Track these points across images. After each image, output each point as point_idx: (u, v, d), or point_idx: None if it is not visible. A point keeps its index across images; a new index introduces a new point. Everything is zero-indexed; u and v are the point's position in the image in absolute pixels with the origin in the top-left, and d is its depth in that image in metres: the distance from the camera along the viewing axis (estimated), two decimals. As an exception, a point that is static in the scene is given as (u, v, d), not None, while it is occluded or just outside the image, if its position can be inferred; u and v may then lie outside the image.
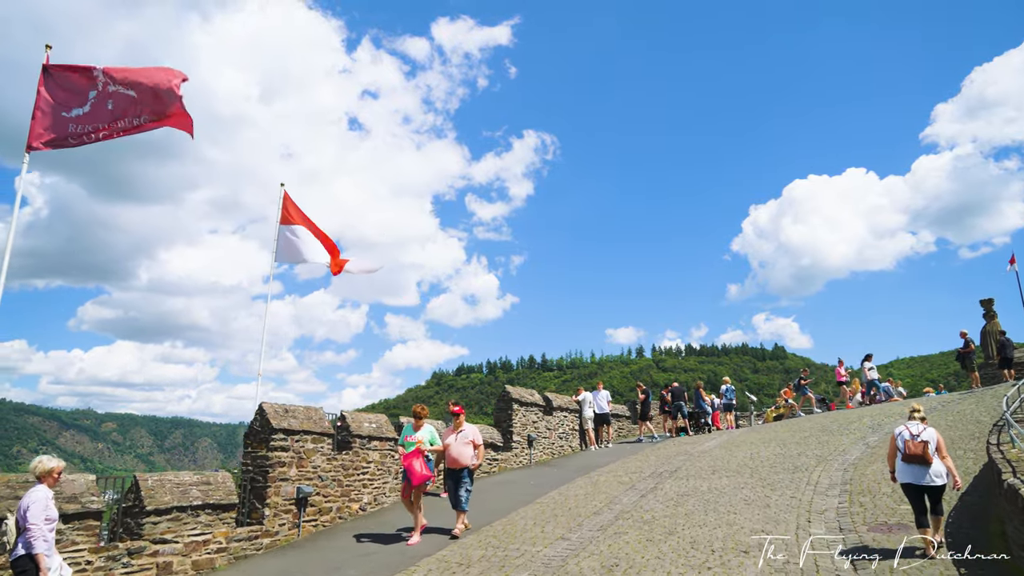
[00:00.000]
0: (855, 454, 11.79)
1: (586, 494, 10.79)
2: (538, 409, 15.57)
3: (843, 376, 21.16)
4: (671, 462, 13.49)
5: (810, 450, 12.63)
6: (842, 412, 18.51)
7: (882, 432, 13.47)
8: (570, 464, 14.73)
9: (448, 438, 8.64)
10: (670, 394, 19.29)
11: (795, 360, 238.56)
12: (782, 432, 15.73)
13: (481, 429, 12.94)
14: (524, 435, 14.80)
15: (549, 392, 16.97)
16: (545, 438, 15.76)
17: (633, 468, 13.20)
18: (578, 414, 17.70)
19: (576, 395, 17.86)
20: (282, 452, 8.38)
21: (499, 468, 13.70)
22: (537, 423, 15.47)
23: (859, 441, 12.92)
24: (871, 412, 16.57)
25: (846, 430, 14.45)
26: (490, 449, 13.51)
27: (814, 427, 15.59)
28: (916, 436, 6.48)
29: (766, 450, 13.35)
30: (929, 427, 6.64)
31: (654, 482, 11.33)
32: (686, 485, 10.70)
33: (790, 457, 12.14)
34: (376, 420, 10.62)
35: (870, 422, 14.92)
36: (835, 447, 12.56)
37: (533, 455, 15.02)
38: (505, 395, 14.70)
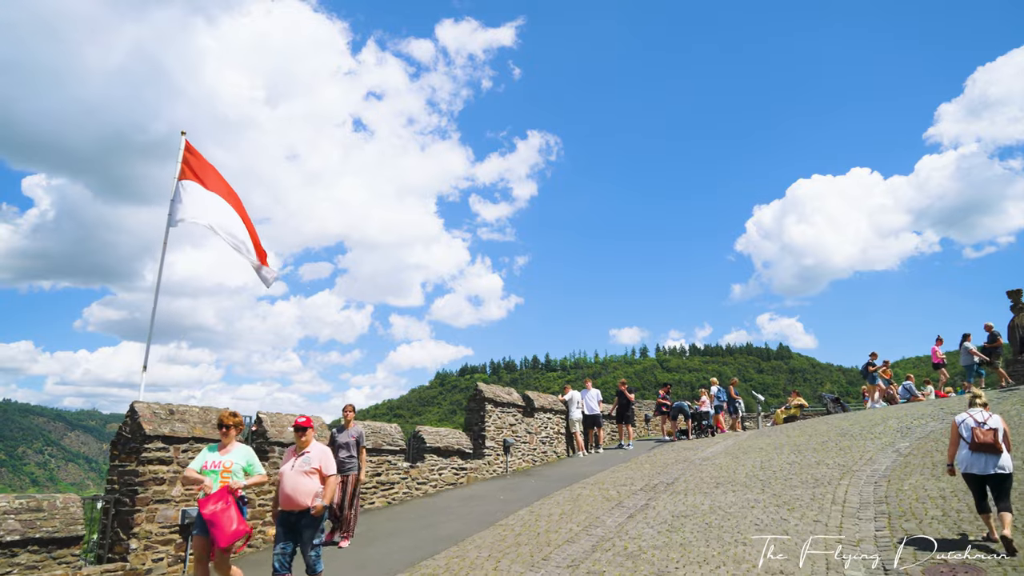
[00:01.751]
0: (885, 463, 9.90)
1: (562, 513, 8.93)
2: (516, 410, 13.71)
3: (940, 357, 18.53)
4: (668, 471, 11.61)
5: (830, 458, 10.75)
6: (861, 413, 16.56)
7: (913, 437, 11.57)
8: (552, 473, 12.86)
9: (285, 464, 5.83)
10: (667, 395, 17.37)
11: (800, 360, 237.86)
12: (795, 436, 13.83)
13: (371, 431, 10.89)
14: (499, 440, 12.94)
15: (535, 392, 15.10)
16: (525, 443, 13.89)
17: (623, 479, 11.32)
18: (564, 416, 15.80)
19: (562, 394, 15.98)
20: (161, 466, 6.55)
21: (468, 479, 11.84)
22: (515, 426, 13.61)
23: (887, 448, 11.03)
24: (895, 414, 14.66)
25: (869, 434, 12.56)
26: (456, 457, 11.64)
27: (832, 431, 13.69)
28: (983, 424, 6.27)
29: (779, 458, 11.47)
30: (994, 414, 6.44)
31: (646, 498, 9.46)
32: (684, 503, 8.82)
33: (808, 467, 10.26)
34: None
35: (897, 425, 13.01)
36: (859, 455, 10.67)
37: (510, 463, 13.15)
38: (477, 394, 12.85)
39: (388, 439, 10.22)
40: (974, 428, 6.23)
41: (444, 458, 11.39)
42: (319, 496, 5.66)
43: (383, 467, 10.08)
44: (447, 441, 11.49)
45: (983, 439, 6.11)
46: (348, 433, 8.42)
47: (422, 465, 10.90)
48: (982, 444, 6.11)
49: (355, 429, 8.49)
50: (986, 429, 6.17)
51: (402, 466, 10.46)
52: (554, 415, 15.35)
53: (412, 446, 11.17)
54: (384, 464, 10.11)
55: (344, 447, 8.26)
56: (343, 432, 8.46)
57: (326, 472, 5.81)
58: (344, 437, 8.38)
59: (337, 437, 8.41)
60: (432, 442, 11.13)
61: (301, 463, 5.72)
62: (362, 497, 9.64)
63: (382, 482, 10.00)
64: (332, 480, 5.85)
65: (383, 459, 10.10)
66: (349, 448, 8.27)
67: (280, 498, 5.68)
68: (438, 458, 11.24)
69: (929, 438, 11.24)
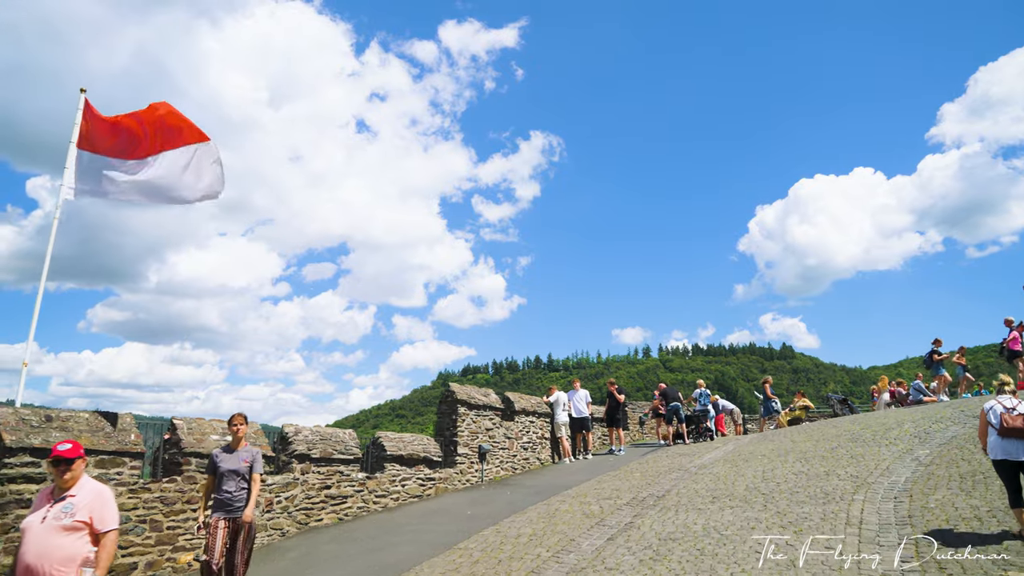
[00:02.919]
0: (904, 474, 8.75)
1: (532, 534, 7.76)
2: (494, 413, 12.53)
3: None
4: (659, 482, 10.44)
5: (841, 467, 9.60)
6: (872, 416, 15.32)
7: (933, 443, 10.41)
8: (532, 483, 11.69)
9: (32, 516, 3.79)
10: (662, 396, 16.17)
11: (803, 360, 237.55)
12: (801, 441, 12.65)
13: (319, 438, 9.82)
14: (474, 446, 11.76)
15: (516, 393, 13.91)
16: (503, 449, 12.71)
17: (608, 491, 10.15)
18: (550, 419, 14.62)
19: (547, 395, 14.79)
20: (29, 484, 5.36)
21: (436, 490, 10.67)
22: (493, 431, 12.43)
23: (905, 455, 9.86)
24: (910, 416, 13.46)
25: (884, 439, 11.40)
26: (423, 466, 10.46)
27: (841, 435, 12.51)
28: (1012, 409, 6.21)
29: (783, 467, 10.30)
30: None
31: (631, 514, 8.29)
32: (674, 521, 7.66)
33: (816, 478, 9.09)
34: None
35: (913, 429, 11.83)
36: (874, 464, 9.52)
37: (486, 471, 11.98)
38: (448, 395, 11.67)
39: (340, 447, 9.06)
40: (1002, 414, 6.16)
41: (408, 467, 10.23)
42: (89, 566, 3.68)
43: (333, 479, 8.91)
44: (412, 448, 10.32)
45: (1012, 424, 6.04)
46: (237, 456, 5.85)
47: (381, 476, 9.73)
48: (1011, 429, 6.04)
49: (247, 451, 5.92)
50: (1015, 415, 6.10)
51: (357, 477, 9.30)
52: (538, 418, 14.17)
53: (371, 454, 10.01)
54: (335, 476, 8.95)
55: (231, 476, 5.72)
56: (230, 454, 5.86)
57: (100, 528, 3.78)
58: (230, 462, 5.79)
59: (220, 462, 5.79)
60: (394, 449, 9.96)
61: (57, 513, 3.71)
62: (308, 513, 8.48)
63: (332, 496, 8.84)
64: (110, 542, 3.81)
65: (334, 470, 8.94)
66: (238, 477, 5.75)
67: (18, 570, 3.60)
68: (401, 467, 10.08)
69: (952, 444, 10.06)
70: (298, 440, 8.53)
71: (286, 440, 8.51)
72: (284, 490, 8.13)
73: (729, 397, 31.22)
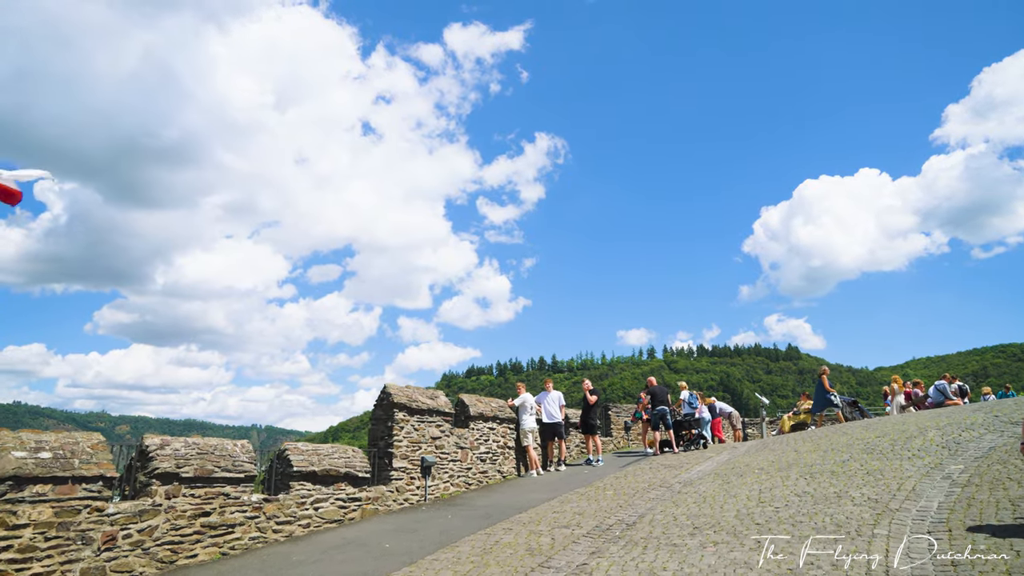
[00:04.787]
0: (935, 498, 6.98)
1: (452, 581, 5.94)
2: (442, 419, 10.71)
3: None
4: (633, 504, 8.65)
5: (855, 487, 7.81)
6: (888, 421, 13.44)
7: (967, 456, 8.64)
8: (484, 502, 9.88)
9: None
10: (649, 396, 14.32)
11: (809, 361, 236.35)
12: (806, 451, 10.83)
13: (196, 452, 8.09)
14: (416, 458, 9.94)
15: (474, 395, 12.07)
16: (454, 461, 10.90)
17: (568, 515, 8.35)
18: (516, 425, 12.78)
19: (512, 398, 12.98)
20: None
21: (362, 513, 8.87)
22: (441, 439, 10.61)
23: (934, 472, 8.08)
24: (934, 422, 11.63)
25: (905, 451, 9.61)
26: (346, 484, 8.67)
27: (853, 444, 10.70)
28: None
29: (783, 485, 8.50)
30: None
31: (588, 550, 6.49)
32: (639, 566, 5.87)
33: (825, 501, 7.29)
34: (61, 443, 5.82)
35: (940, 438, 10.03)
36: (896, 482, 7.74)
37: (431, 488, 10.16)
38: (384, 398, 9.86)
39: (225, 462, 7.26)
40: None
41: (325, 486, 8.42)
42: None
43: (215, 503, 7.11)
44: (330, 463, 8.51)
45: None
46: None
47: (286, 497, 7.93)
48: None
49: None
50: None
51: (250, 500, 7.49)
52: (499, 424, 12.33)
53: (275, 470, 8.21)
54: (218, 499, 7.15)
55: None
56: None
57: None
58: None
59: None
60: (303, 465, 8.15)
61: None
62: (175, 549, 6.68)
63: (213, 525, 7.04)
64: None
65: (216, 491, 7.14)
66: None
67: None
68: (314, 486, 8.27)
69: (992, 459, 8.25)
70: (162, 455, 6.72)
71: (146, 455, 6.71)
72: (135, 520, 6.33)
73: (734, 398, 29.37)
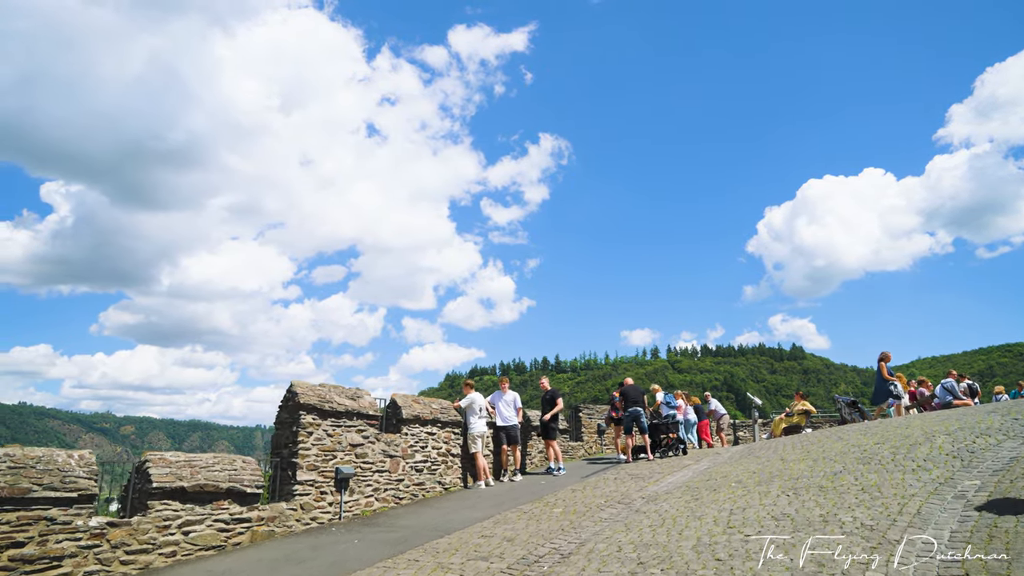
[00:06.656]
0: (947, 525, 5.51)
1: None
2: (365, 422, 9.22)
3: None
4: (579, 526, 7.17)
5: (845, 508, 6.34)
6: (890, 425, 11.87)
7: (984, 468, 7.18)
8: (409, 522, 8.40)
9: None
10: (622, 396, 12.82)
11: (813, 360, 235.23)
12: (794, 461, 9.34)
13: (9, 465, 6.59)
14: (328, 470, 8.46)
15: (409, 395, 10.58)
16: (381, 472, 9.42)
17: (496, 541, 6.88)
18: (461, 429, 11.28)
19: (458, 398, 11.49)
20: None
21: (252, 536, 7.40)
22: (364, 446, 9.13)
23: (944, 489, 6.60)
24: (942, 426, 10.09)
25: (908, 460, 8.11)
26: (230, 502, 7.19)
27: (848, 452, 9.21)
28: None
29: (760, 504, 7.02)
30: None
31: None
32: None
33: (806, 527, 5.80)
34: None
35: (950, 445, 8.53)
36: (896, 502, 6.26)
37: (349, 505, 8.67)
38: (290, 398, 8.39)
39: (51, 477, 5.79)
40: None
41: (199, 505, 6.96)
42: None
43: (32, 531, 5.65)
44: (207, 476, 7.03)
45: None
46: None
47: (141, 520, 6.46)
48: None
49: None
50: None
51: (87, 525, 6.03)
52: (440, 428, 10.83)
53: (133, 486, 6.74)
54: (37, 525, 5.69)
55: None
56: None
57: None
58: None
59: None
60: (167, 480, 6.68)
61: None
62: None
63: (27, 558, 5.57)
64: None
65: (34, 515, 5.68)
66: None
67: None
68: (183, 506, 6.80)
69: (1014, 472, 6.75)
70: (-50, 471, 5.27)
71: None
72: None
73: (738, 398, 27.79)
